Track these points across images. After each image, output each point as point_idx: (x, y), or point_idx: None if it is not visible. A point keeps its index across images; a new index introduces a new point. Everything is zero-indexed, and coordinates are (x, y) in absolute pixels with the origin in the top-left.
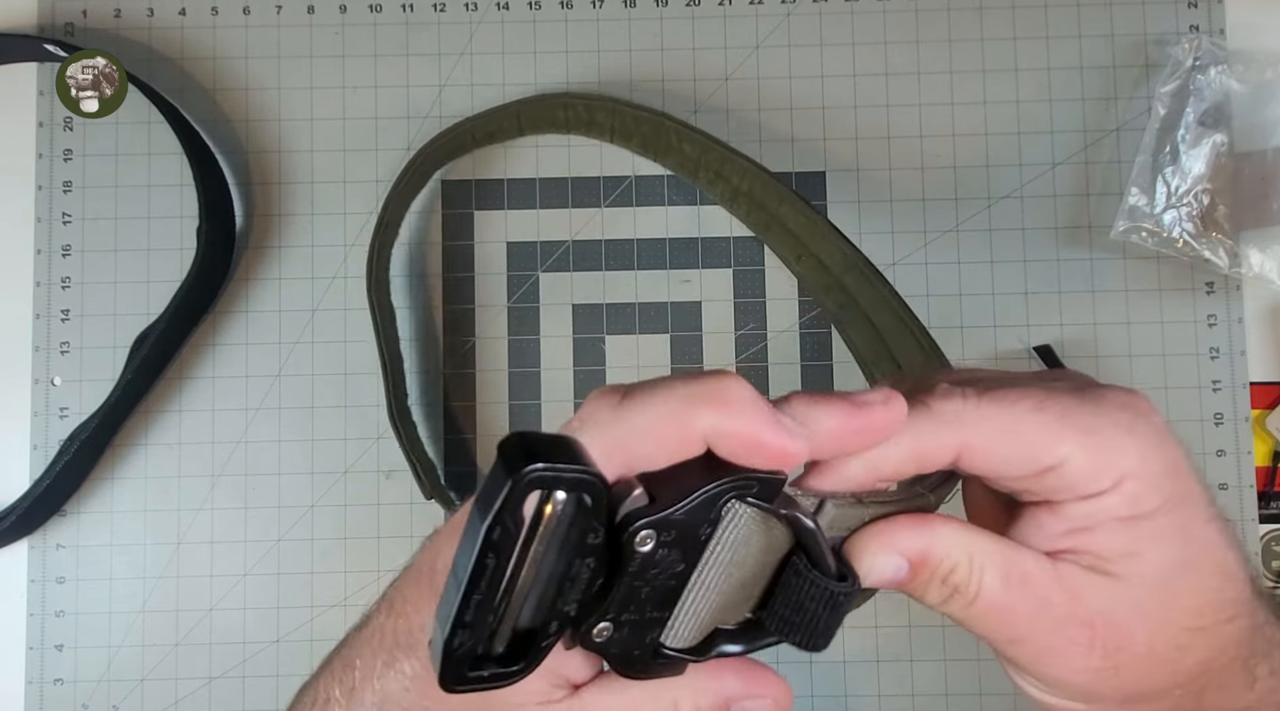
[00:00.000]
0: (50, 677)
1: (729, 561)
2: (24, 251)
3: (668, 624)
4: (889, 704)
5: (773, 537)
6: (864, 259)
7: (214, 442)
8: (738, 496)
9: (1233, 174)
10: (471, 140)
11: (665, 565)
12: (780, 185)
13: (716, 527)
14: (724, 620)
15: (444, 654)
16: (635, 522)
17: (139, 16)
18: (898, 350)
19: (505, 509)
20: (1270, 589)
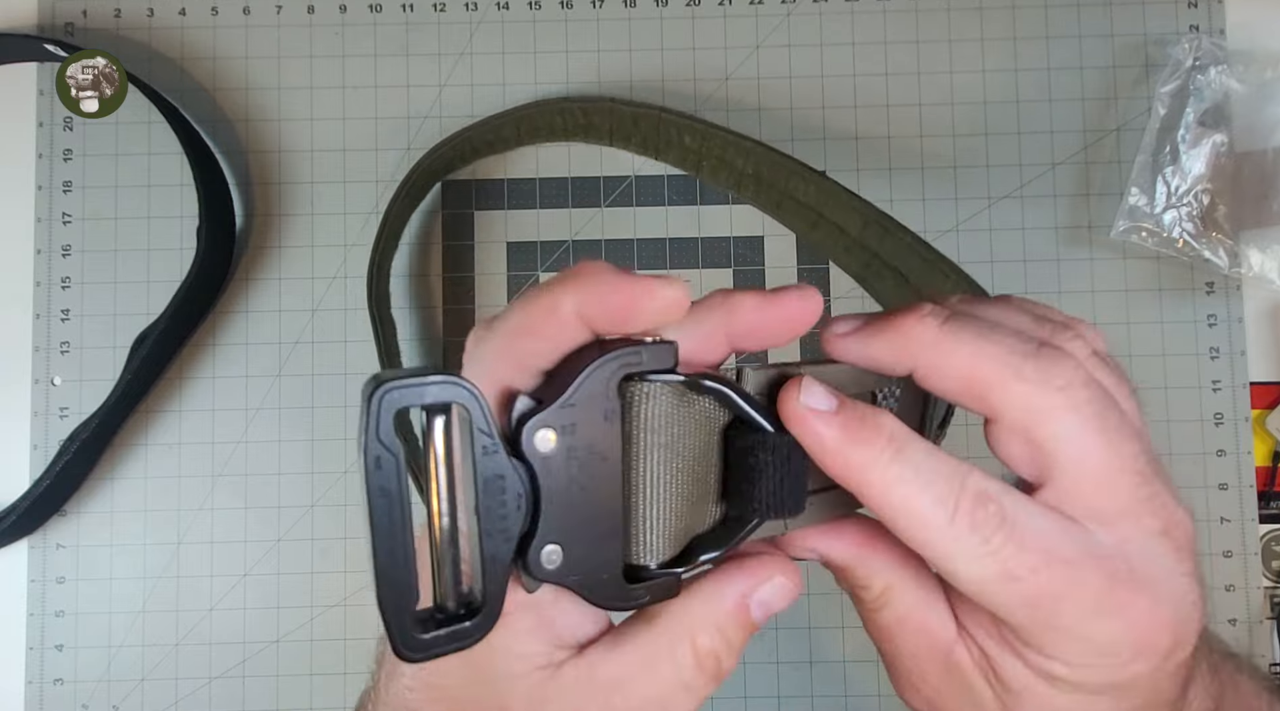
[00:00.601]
0: (50, 677)
1: (661, 449)
2: (24, 251)
3: (629, 537)
4: (889, 704)
5: (701, 416)
6: (880, 213)
7: (214, 442)
8: (633, 373)
9: (1233, 174)
10: (471, 150)
11: (586, 466)
12: (786, 159)
13: (628, 414)
14: (694, 525)
15: (382, 615)
16: (526, 425)
17: (139, 16)
18: (925, 288)
19: (370, 436)
20: (1270, 588)
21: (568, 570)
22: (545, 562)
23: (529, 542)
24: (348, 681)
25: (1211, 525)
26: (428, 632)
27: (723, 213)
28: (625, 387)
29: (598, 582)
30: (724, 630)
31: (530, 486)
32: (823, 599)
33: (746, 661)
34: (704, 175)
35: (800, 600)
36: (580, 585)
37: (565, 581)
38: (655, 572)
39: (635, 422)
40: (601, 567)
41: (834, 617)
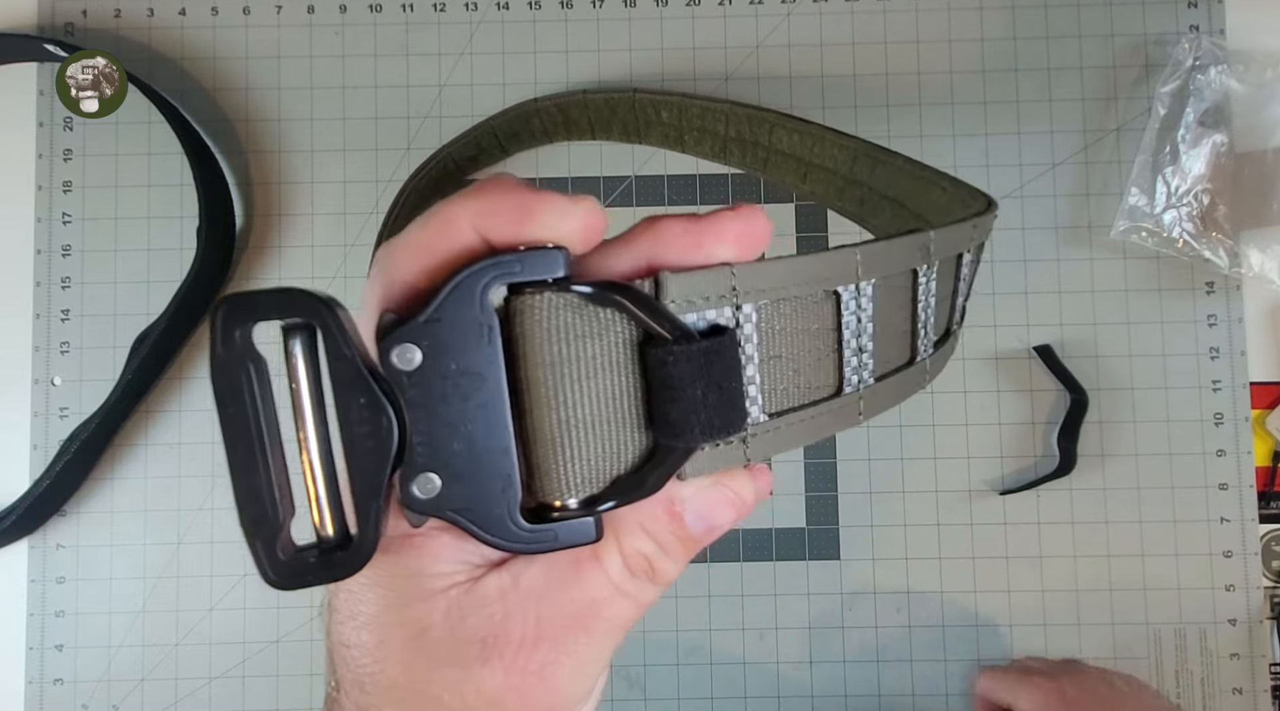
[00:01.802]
0: (50, 677)
1: (558, 370)
2: (24, 251)
3: (532, 471)
4: (889, 703)
5: (609, 332)
6: (865, 143)
7: (214, 442)
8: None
9: (1233, 174)
10: (455, 167)
11: (462, 389)
12: (765, 112)
13: (513, 331)
14: (618, 457)
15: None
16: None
17: (139, 16)
18: (924, 208)
19: (215, 343)
20: (1270, 588)
21: (448, 501)
22: (419, 492)
23: (395, 466)
24: None
25: (1211, 525)
26: (301, 560)
27: None
28: (511, 302)
29: (491, 518)
30: (652, 532)
31: (393, 409)
32: (822, 599)
33: (746, 661)
34: (688, 148)
35: (800, 600)
36: (470, 519)
37: (445, 514)
38: (571, 511)
39: (523, 341)
40: (493, 502)
41: (834, 618)
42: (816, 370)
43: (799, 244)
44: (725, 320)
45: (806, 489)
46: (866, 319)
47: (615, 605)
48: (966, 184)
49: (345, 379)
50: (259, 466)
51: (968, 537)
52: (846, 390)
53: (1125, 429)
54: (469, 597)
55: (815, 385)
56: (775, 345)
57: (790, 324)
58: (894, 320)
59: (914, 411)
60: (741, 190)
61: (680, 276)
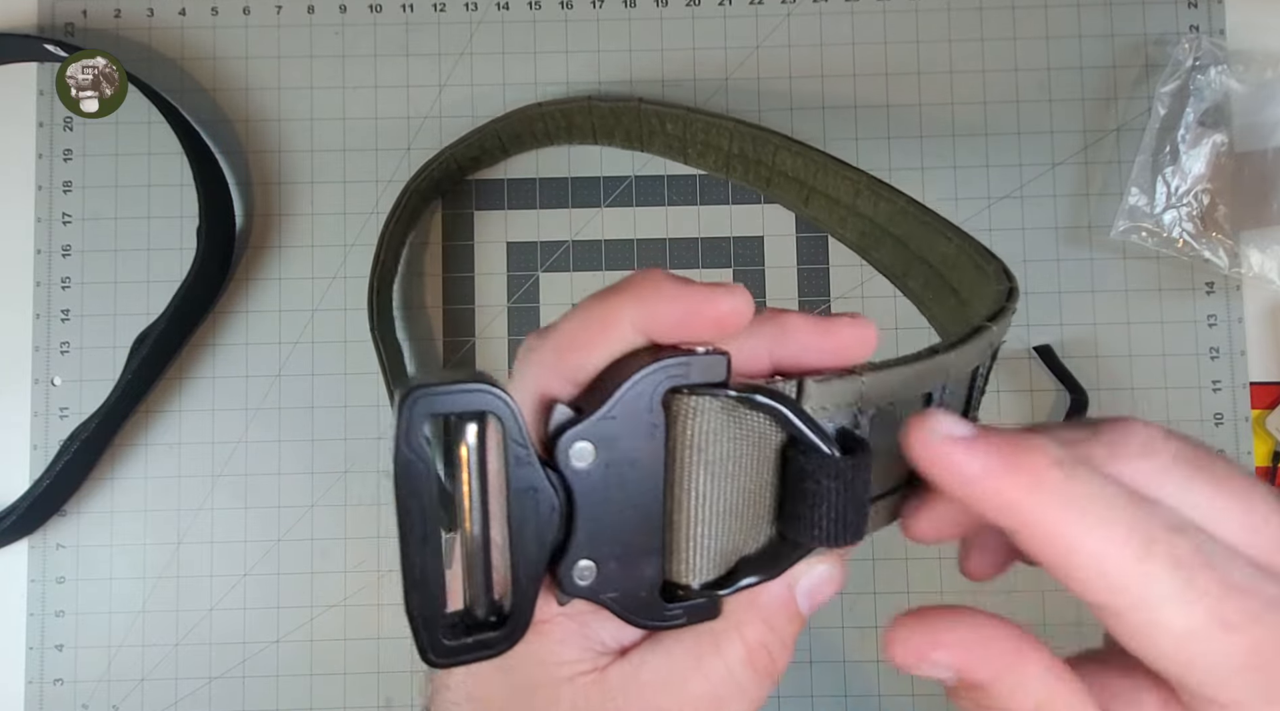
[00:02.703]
0: (50, 677)
1: (708, 466)
2: (24, 251)
3: (670, 555)
4: (889, 704)
5: (754, 433)
6: (870, 178)
7: (214, 442)
8: (680, 386)
9: (1233, 174)
10: (457, 168)
11: (624, 482)
12: (770, 134)
13: (673, 429)
14: (743, 545)
15: (410, 620)
16: (562, 438)
17: (139, 16)
18: (927, 253)
19: (400, 439)
20: None
21: (601, 586)
22: (577, 578)
23: (561, 556)
24: (348, 681)
25: None
26: (455, 639)
27: (722, 212)
28: (672, 400)
29: (633, 600)
30: (771, 622)
31: (565, 499)
32: None
33: None
34: (691, 161)
35: None
36: (614, 602)
37: (598, 598)
38: (695, 592)
39: (681, 438)
40: (638, 585)
41: (834, 618)
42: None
43: (798, 275)
44: (849, 425)
45: None
46: None
47: (731, 699)
48: (970, 237)
49: (520, 469)
50: (428, 552)
51: None
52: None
53: None
54: (595, 689)
55: (897, 473)
56: (878, 442)
57: (890, 423)
58: (957, 409)
59: None
60: (741, 192)
61: (822, 385)
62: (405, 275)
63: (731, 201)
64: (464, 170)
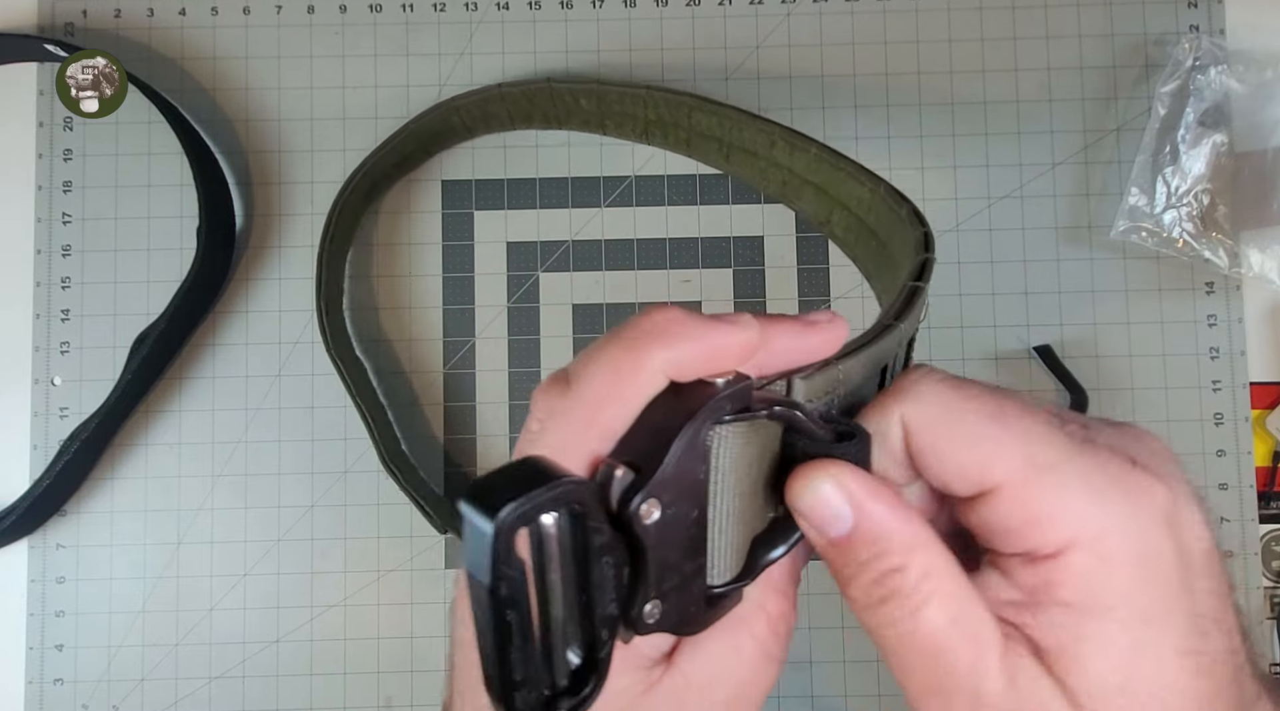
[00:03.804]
0: (50, 677)
1: (735, 482)
2: (24, 251)
3: (709, 568)
4: (889, 703)
5: (763, 437)
6: (785, 129)
7: (214, 442)
8: (715, 421)
9: (1233, 174)
10: (382, 176)
11: (680, 521)
12: (684, 96)
13: (709, 459)
14: (753, 528)
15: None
16: (632, 502)
17: (139, 16)
18: (845, 198)
19: (498, 561)
20: (1270, 588)
21: (668, 618)
22: (648, 619)
23: (632, 606)
24: (348, 681)
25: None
26: None
27: (723, 212)
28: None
29: (689, 617)
30: (782, 589)
31: (630, 554)
32: (822, 598)
33: None
34: (609, 132)
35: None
36: (676, 626)
37: (663, 628)
38: (726, 588)
39: (716, 466)
40: (691, 603)
41: (834, 617)
42: None
43: (798, 274)
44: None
45: None
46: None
47: (767, 674)
48: (883, 181)
49: (599, 547)
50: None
51: None
52: None
53: None
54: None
55: None
56: None
57: (858, 399)
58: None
59: None
60: (741, 190)
61: (807, 381)
62: (407, 276)
63: (731, 201)
64: (390, 177)
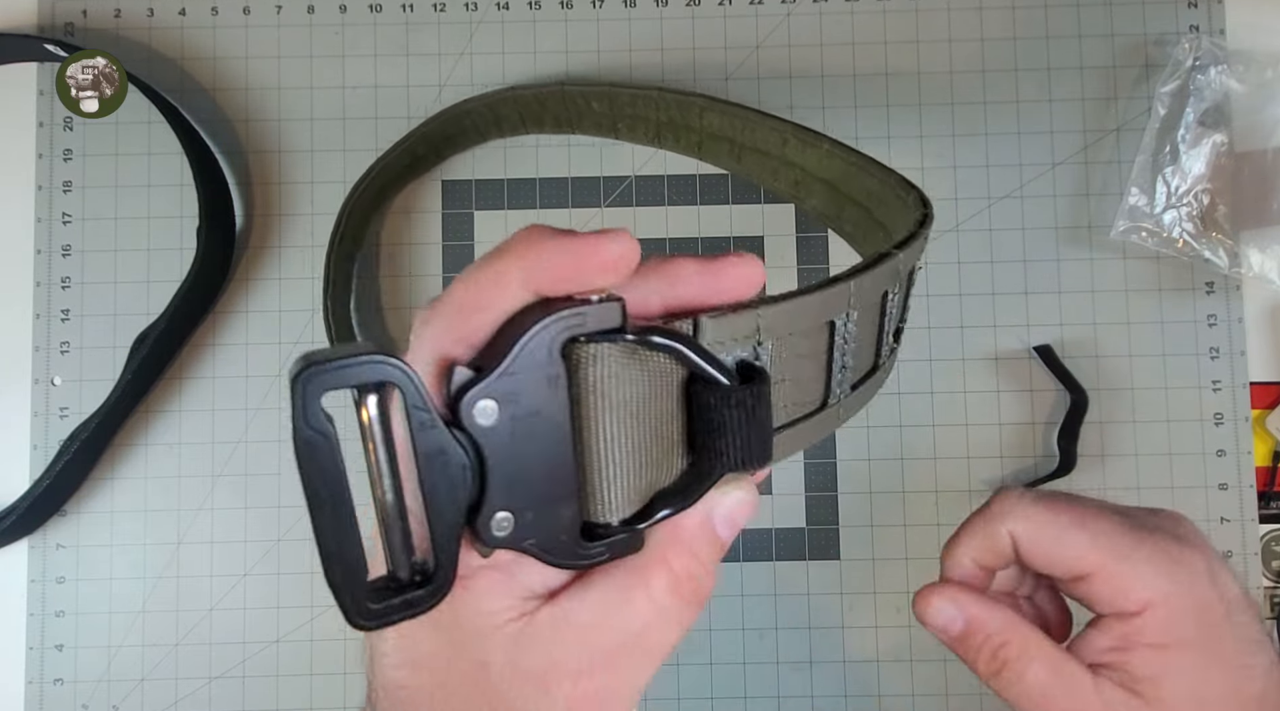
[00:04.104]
0: (50, 677)
1: (614, 409)
2: (24, 251)
3: (587, 498)
4: (889, 704)
5: (656, 373)
6: (795, 126)
7: (214, 442)
8: (578, 335)
9: (1233, 174)
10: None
11: (533, 433)
12: (695, 97)
13: (575, 377)
14: (657, 480)
15: (332, 589)
16: (465, 398)
17: (139, 16)
18: (855, 192)
19: (298, 418)
20: (1270, 588)
21: (521, 534)
22: (495, 530)
23: (478, 511)
24: (348, 681)
25: (1211, 525)
26: (381, 602)
27: (722, 212)
28: (571, 350)
29: (555, 544)
30: (693, 550)
31: (475, 457)
32: (823, 599)
33: (746, 661)
34: (622, 135)
35: (800, 600)
36: (536, 547)
37: (519, 546)
38: (616, 529)
39: (583, 386)
40: (558, 529)
41: (834, 618)
42: (810, 388)
43: (798, 275)
44: (749, 357)
45: (806, 489)
46: (852, 339)
47: (661, 631)
48: (896, 173)
49: (425, 433)
50: (342, 523)
51: None
52: (830, 402)
53: (1125, 429)
54: (524, 635)
55: (807, 400)
56: (782, 372)
57: (794, 352)
58: (868, 334)
59: (914, 411)
60: (742, 191)
61: (717, 321)
62: (407, 276)
63: (731, 201)
64: (402, 179)
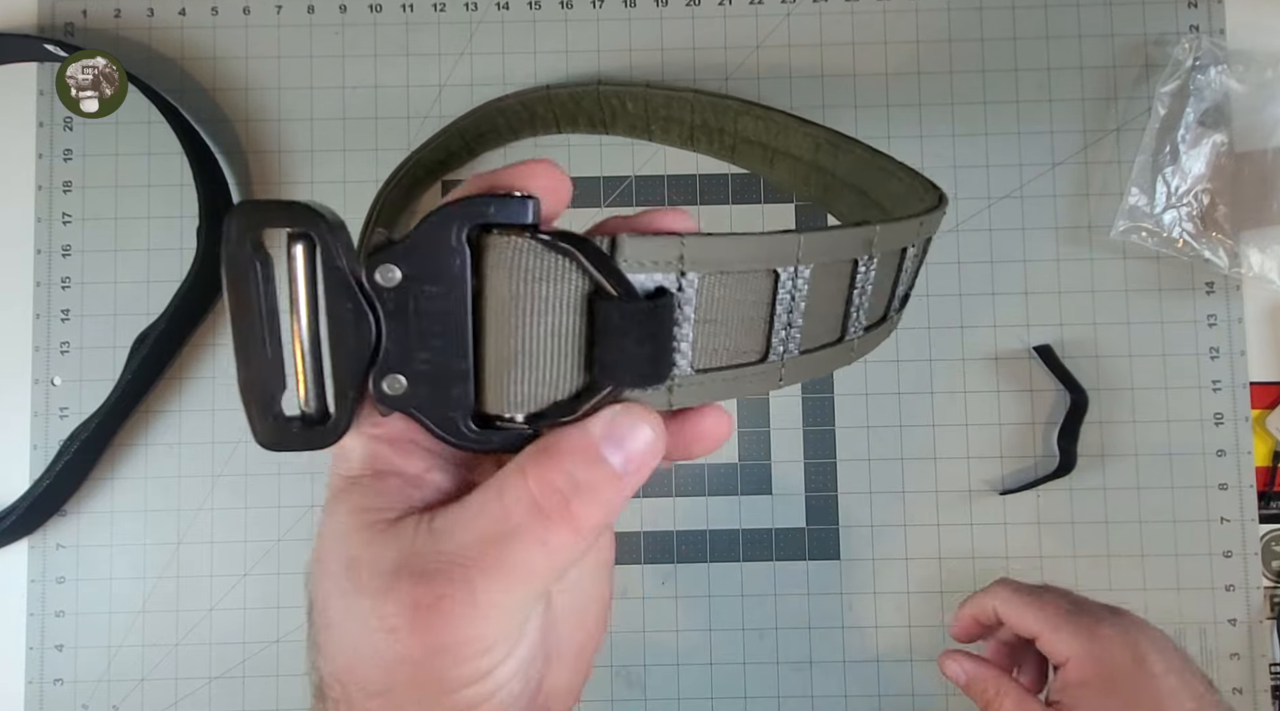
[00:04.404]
0: (50, 677)
1: (514, 304)
2: (24, 251)
3: (481, 385)
4: (889, 704)
5: (563, 279)
6: (828, 131)
7: (214, 443)
8: (490, 225)
9: (1233, 174)
10: (425, 172)
11: (433, 308)
12: (729, 100)
13: (481, 264)
14: (556, 391)
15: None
16: (373, 257)
17: (139, 16)
18: (881, 196)
19: (228, 242)
20: (1270, 588)
21: (411, 400)
22: (387, 388)
23: (370, 364)
24: None
25: (1211, 525)
26: (288, 429)
27: (723, 212)
28: (481, 238)
29: (444, 418)
30: (565, 465)
31: (373, 317)
32: (822, 599)
33: (746, 661)
34: (656, 137)
35: (800, 600)
36: (425, 416)
37: (408, 410)
38: (510, 423)
39: (488, 274)
40: (449, 405)
41: (834, 618)
42: (746, 336)
43: None
44: (669, 285)
45: (806, 489)
46: (800, 298)
47: (523, 546)
48: (921, 176)
49: (336, 286)
50: (259, 345)
51: (968, 537)
52: (771, 358)
53: (1125, 429)
54: (389, 531)
55: (743, 350)
56: (711, 310)
57: (729, 293)
58: (828, 301)
59: (914, 411)
60: (742, 190)
61: (635, 240)
62: None
63: (731, 201)
64: (433, 173)
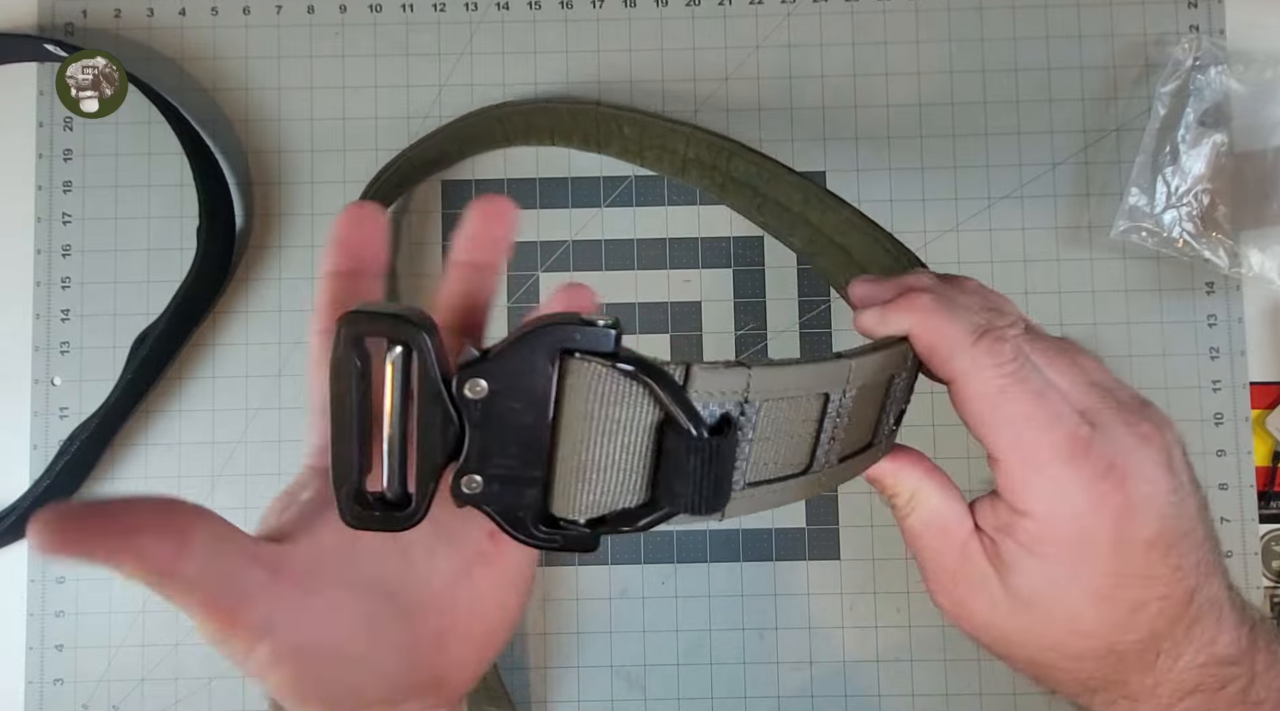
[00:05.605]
0: (50, 677)
1: (589, 422)
2: (24, 251)
3: (551, 489)
4: (889, 704)
5: (635, 403)
6: (820, 189)
7: (214, 443)
8: (573, 349)
9: (1233, 174)
10: (415, 170)
11: (514, 419)
12: (725, 140)
13: (563, 384)
14: (619, 500)
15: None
16: (462, 370)
17: (139, 16)
18: (867, 263)
19: (339, 346)
20: (1270, 588)
21: (485, 498)
22: (465, 487)
23: (453, 463)
24: None
25: None
26: (370, 512)
27: (722, 213)
28: (567, 360)
29: (514, 517)
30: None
31: (459, 423)
32: (823, 599)
33: (746, 661)
34: (647, 163)
35: (800, 600)
36: (497, 513)
37: (482, 506)
38: (573, 525)
39: (568, 393)
40: (520, 506)
41: (834, 618)
42: (794, 451)
43: (799, 275)
44: (734, 411)
45: None
46: (845, 414)
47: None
48: (905, 248)
49: (429, 392)
50: (351, 439)
51: None
52: (814, 469)
53: None
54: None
55: (790, 463)
56: (765, 430)
57: (783, 415)
58: (865, 413)
59: (914, 411)
60: None
61: (706, 373)
62: (407, 276)
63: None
64: (423, 172)
